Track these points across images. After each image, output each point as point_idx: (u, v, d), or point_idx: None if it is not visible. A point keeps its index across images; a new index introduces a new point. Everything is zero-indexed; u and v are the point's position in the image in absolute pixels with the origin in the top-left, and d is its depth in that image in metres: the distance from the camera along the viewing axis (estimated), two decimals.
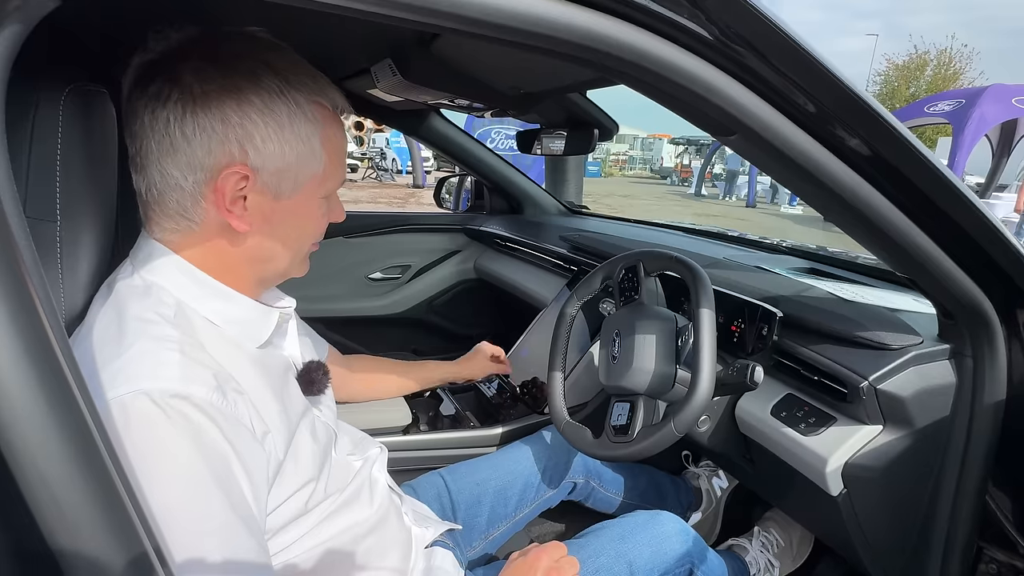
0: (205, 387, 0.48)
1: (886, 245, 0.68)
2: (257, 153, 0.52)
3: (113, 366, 0.47)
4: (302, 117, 0.54)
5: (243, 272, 0.58)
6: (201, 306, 0.55)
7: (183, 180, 0.51)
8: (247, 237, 0.56)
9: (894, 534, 0.87)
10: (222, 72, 0.50)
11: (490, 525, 1.01)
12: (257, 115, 0.51)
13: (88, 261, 0.55)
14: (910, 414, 0.79)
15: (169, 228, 0.55)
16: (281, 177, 0.54)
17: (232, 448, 0.49)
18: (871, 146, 0.57)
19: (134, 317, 0.51)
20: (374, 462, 0.79)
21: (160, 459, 0.45)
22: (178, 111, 0.49)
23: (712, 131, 0.59)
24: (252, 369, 0.56)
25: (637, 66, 0.49)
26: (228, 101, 0.50)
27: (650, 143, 30.55)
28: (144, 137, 0.51)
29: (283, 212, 0.56)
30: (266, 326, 0.60)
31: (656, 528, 0.90)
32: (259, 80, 0.51)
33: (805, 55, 0.50)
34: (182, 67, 0.50)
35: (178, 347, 0.49)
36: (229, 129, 0.50)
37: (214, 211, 0.53)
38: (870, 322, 0.85)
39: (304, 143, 0.54)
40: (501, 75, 0.95)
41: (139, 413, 0.45)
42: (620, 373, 0.92)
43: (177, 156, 0.50)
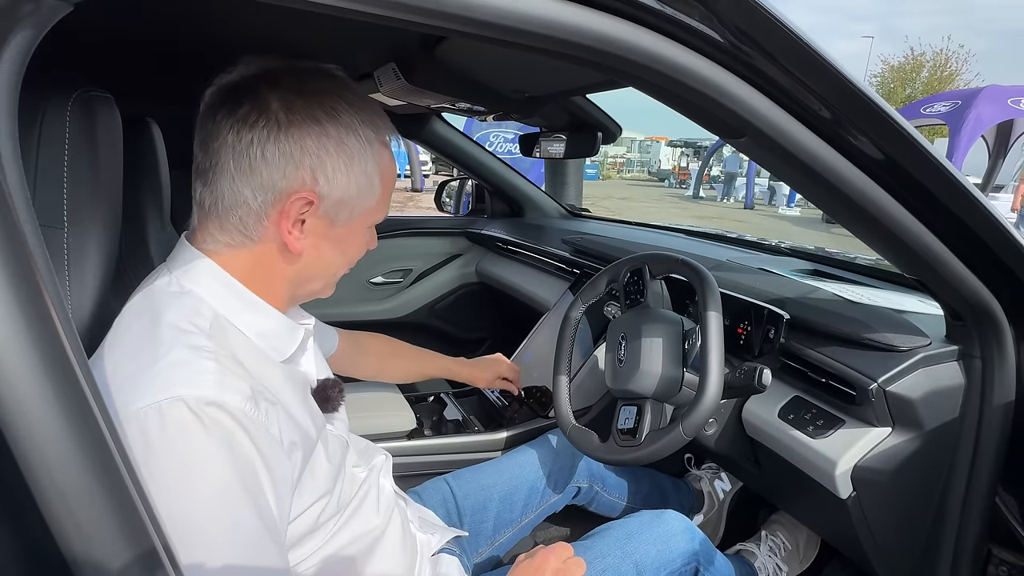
0: (239, 396, 0.49)
1: (894, 246, 0.68)
2: (326, 182, 0.55)
3: (150, 372, 0.48)
4: (369, 154, 0.57)
5: (281, 290, 0.60)
6: (236, 317, 0.56)
7: (252, 199, 0.54)
8: (297, 258, 0.58)
9: (903, 536, 0.86)
10: (306, 104, 0.53)
11: (496, 531, 1.00)
12: (333, 147, 0.54)
13: (95, 268, 0.55)
14: (919, 416, 0.79)
15: (222, 241, 0.56)
16: (341, 206, 0.57)
17: (261, 458, 0.50)
18: (880, 147, 0.56)
19: (170, 325, 0.52)
20: (380, 470, 0.78)
21: (194, 466, 0.46)
22: (263, 135, 0.52)
23: (721, 133, 0.59)
24: (282, 381, 0.58)
25: (648, 69, 0.49)
26: (309, 131, 0.53)
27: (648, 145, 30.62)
28: (223, 154, 0.53)
29: (334, 238, 0.59)
30: (292, 341, 0.62)
31: (662, 527, 0.90)
32: (338, 115, 0.55)
33: (815, 57, 0.50)
34: (271, 95, 0.53)
35: (213, 357, 0.50)
36: (306, 157, 0.53)
37: (274, 231, 0.56)
38: (877, 324, 0.85)
39: (367, 178, 0.58)
40: (505, 79, 0.95)
41: (175, 419, 0.46)
42: (627, 377, 0.92)
43: (253, 177, 0.53)
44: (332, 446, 0.66)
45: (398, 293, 1.98)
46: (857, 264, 1.24)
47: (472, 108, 1.14)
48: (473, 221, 2.06)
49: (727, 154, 15.93)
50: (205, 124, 0.54)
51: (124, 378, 0.48)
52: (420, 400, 1.34)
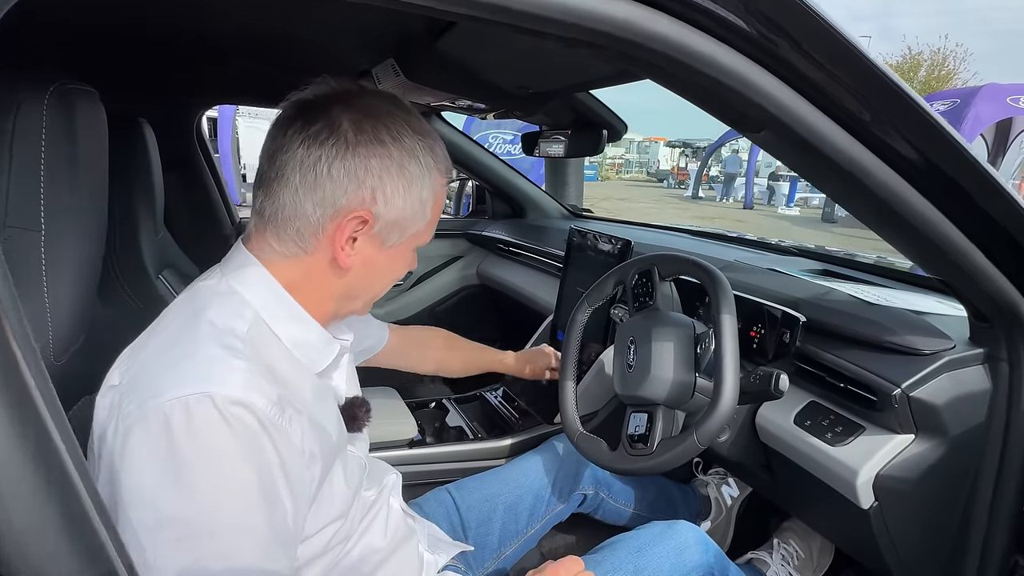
0: (266, 399, 0.49)
1: (920, 244, 0.64)
2: (384, 203, 0.56)
3: (182, 365, 0.49)
4: (427, 181, 0.59)
5: (326, 304, 0.61)
6: (276, 324, 0.57)
7: (312, 213, 0.55)
8: (346, 273, 0.59)
9: (927, 547, 0.83)
10: (374, 126, 0.55)
11: (502, 543, 0.97)
12: (395, 170, 0.56)
13: (76, 273, 0.52)
14: (944, 422, 0.75)
15: (277, 250, 0.57)
16: (393, 228, 0.58)
17: (282, 464, 0.50)
18: (911, 141, 0.53)
19: (209, 322, 0.52)
20: (390, 490, 0.77)
21: (216, 463, 0.46)
22: (332, 153, 0.54)
23: (740, 127, 0.56)
24: (311, 392, 0.58)
25: (666, 57, 0.45)
26: (374, 153, 0.55)
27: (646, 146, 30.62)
28: (290, 167, 0.54)
29: (382, 258, 0.60)
30: (327, 354, 0.62)
31: (674, 539, 0.87)
32: (402, 140, 0.56)
33: (847, 46, 0.47)
34: (343, 115, 0.54)
35: (244, 356, 0.51)
36: (368, 177, 0.55)
37: (328, 245, 0.56)
38: (898, 326, 0.82)
39: (420, 203, 0.59)
40: (508, 74, 0.91)
41: (201, 415, 0.46)
42: (637, 382, 0.88)
43: (316, 191, 0.54)
44: (351, 467, 0.66)
45: (398, 296, 1.95)
46: (868, 264, 1.21)
47: (473, 106, 1.11)
48: (474, 222, 2.03)
49: (726, 154, 15.94)
50: (276, 137, 0.56)
51: (158, 367, 0.49)
52: (421, 407, 1.30)
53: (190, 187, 1.78)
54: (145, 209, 1.13)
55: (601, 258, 1.32)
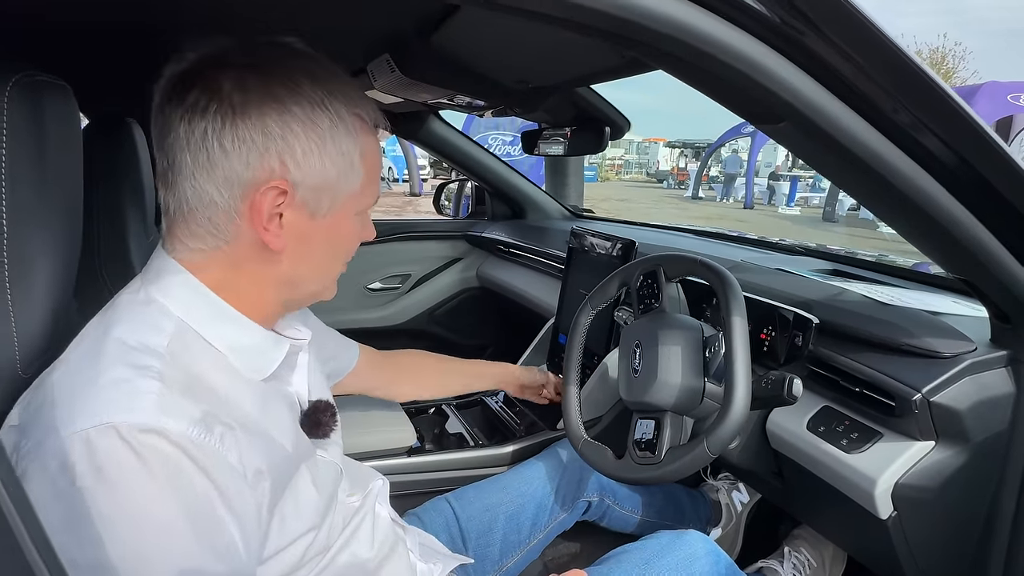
0: (185, 420, 0.43)
1: (944, 243, 0.61)
2: (297, 167, 0.49)
3: (81, 394, 0.42)
4: (343, 130, 0.50)
5: (269, 295, 0.54)
6: (206, 330, 0.50)
7: (218, 196, 0.48)
8: (281, 257, 0.52)
9: (948, 558, 0.80)
10: (262, 80, 0.47)
11: (503, 555, 0.94)
12: (299, 126, 0.48)
13: (46, 278, 0.48)
14: (966, 428, 0.72)
15: (194, 247, 0.50)
16: (320, 194, 0.51)
17: (216, 489, 0.43)
18: (942, 137, 0.50)
19: (116, 340, 0.46)
20: (376, 496, 0.72)
21: (128, 502, 0.40)
22: (217, 122, 0.46)
23: (756, 119, 0.53)
24: (252, 403, 0.51)
25: (680, 43, 0.42)
26: (269, 111, 0.47)
27: (645, 147, 30.62)
28: (178, 150, 0.47)
29: (319, 231, 0.53)
30: (273, 357, 0.55)
31: (683, 549, 0.83)
32: (300, 89, 0.48)
33: (877, 35, 0.44)
34: (220, 75, 0.46)
35: (158, 376, 0.44)
36: (270, 141, 0.47)
37: (248, 229, 0.49)
38: (915, 327, 0.79)
39: (344, 157, 0.51)
40: (507, 68, 0.88)
41: (105, 450, 0.40)
42: (643, 388, 0.85)
43: (214, 170, 0.47)
44: (323, 473, 0.59)
45: (397, 299, 1.92)
46: (883, 264, 1.17)
47: (471, 103, 1.08)
48: (473, 224, 2.00)
49: (726, 155, 15.93)
50: (156, 120, 0.48)
51: (56, 399, 0.43)
52: (420, 413, 1.27)
53: None
54: (134, 211, 1.09)
55: (604, 259, 1.29)
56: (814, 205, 13.52)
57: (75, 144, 0.51)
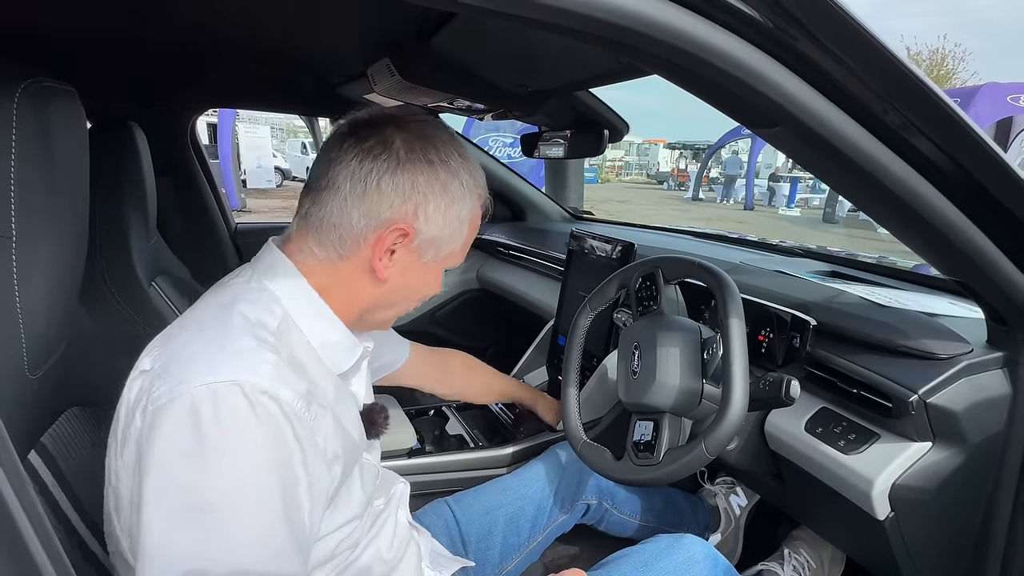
0: (293, 391, 0.51)
1: (939, 246, 0.62)
2: (425, 220, 0.59)
3: (213, 354, 0.50)
4: (467, 202, 0.62)
5: (353, 310, 0.63)
6: (304, 322, 0.59)
7: (357, 221, 0.58)
8: (380, 284, 0.61)
9: (945, 558, 0.80)
10: (424, 147, 0.59)
11: (503, 558, 0.94)
12: (439, 189, 0.59)
13: (53, 280, 0.49)
14: (963, 429, 0.72)
15: (315, 253, 0.60)
16: (430, 245, 0.61)
17: (303, 461, 0.50)
18: (935, 141, 0.51)
19: (241, 314, 0.54)
20: (398, 499, 0.76)
21: (239, 450, 0.47)
22: (383, 168, 0.57)
23: (751, 123, 0.53)
24: (335, 393, 0.60)
25: (675, 49, 0.43)
26: (421, 170, 0.58)
27: (645, 148, 30.63)
28: (342, 177, 0.57)
29: (416, 273, 0.63)
30: (351, 356, 0.64)
31: (681, 553, 0.83)
32: (448, 162, 0.60)
33: (870, 40, 0.44)
34: (396, 134, 0.58)
35: (273, 349, 0.52)
36: (414, 193, 0.58)
37: (366, 253, 0.59)
38: (911, 329, 0.79)
39: (458, 223, 0.62)
40: (506, 72, 0.89)
41: (229, 402, 0.47)
42: (642, 389, 0.86)
43: (364, 201, 0.57)
44: (367, 472, 0.66)
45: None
46: (882, 266, 1.18)
47: (471, 106, 1.08)
48: None
49: (726, 156, 15.94)
50: (331, 149, 0.59)
51: (189, 355, 0.50)
52: (420, 415, 1.27)
53: (185, 193, 1.75)
54: (136, 214, 1.10)
55: (603, 261, 1.30)
56: (814, 206, 13.52)
57: (82, 148, 0.52)
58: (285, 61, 1.14)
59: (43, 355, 0.51)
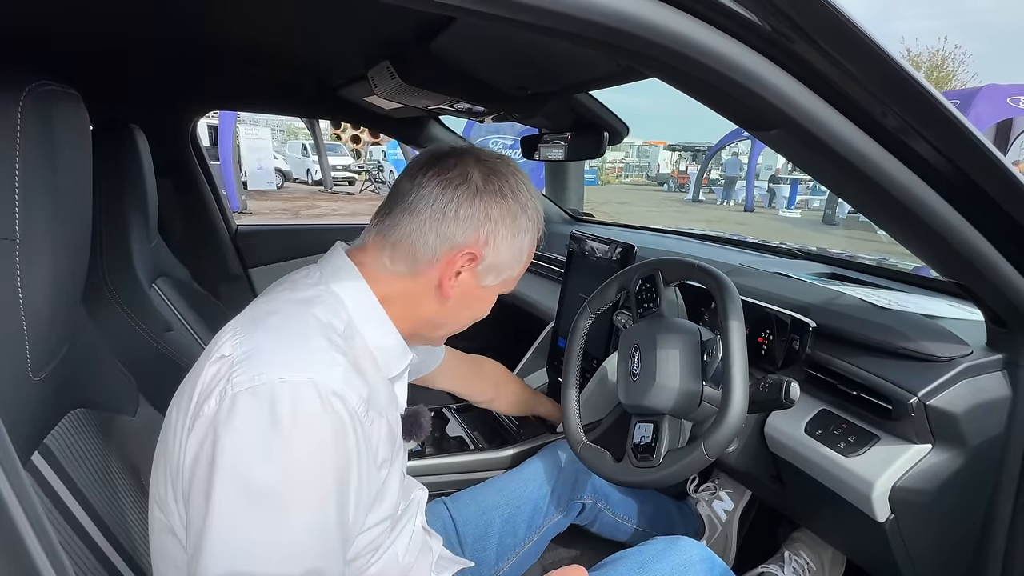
0: (357, 395, 0.54)
1: (938, 248, 0.62)
2: (493, 248, 0.64)
3: (292, 350, 0.53)
4: (530, 234, 0.67)
5: (411, 323, 0.66)
6: (364, 327, 0.62)
7: (432, 242, 0.62)
8: (444, 302, 0.65)
9: (946, 560, 0.80)
10: (499, 181, 0.64)
11: (499, 558, 0.94)
12: (509, 220, 0.64)
13: (56, 283, 0.49)
14: (962, 431, 0.72)
15: (387, 266, 0.63)
16: (493, 270, 0.66)
17: (358, 460, 0.53)
18: (933, 143, 0.51)
19: (316, 316, 0.57)
20: (418, 505, 0.77)
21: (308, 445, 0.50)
22: (461, 195, 0.62)
23: (750, 126, 0.54)
24: (385, 395, 0.63)
25: (673, 52, 0.43)
26: (495, 202, 0.63)
27: (646, 150, 30.64)
28: (423, 201, 0.62)
29: (475, 295, 0.67)
30: (402, 362, 0.67)
31: (677, 556, 0.83)
32: (519, 196, 0.65)
33: (866, 43, 0.44)
34: (474, 167, 0.63)
35: (343, 352, 0.56)
36: (487, 223, 0.63)
37: (435, 273, 0.63)
38: (911, 331, 0.79)
39: (520, 253, 0.67)
40: (506, 74, 0.89)
41: (305, 398, 0.50)
42: (642, 391, 0.86)
43: (442, 226, 0.61)
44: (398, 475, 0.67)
45: None
46: (882, 268, 1.18)
47: (471, 109, 1.08)
48: None
49: (726, 157, 15.94)
50: (413, 175, 0.63)
51: (271, 347, 0.53)
52: None
53: (185, 194, 1.75)
54: (137, 216, 1.10)
55: (603, 263, 1.30)
56: (814, 208, 13.51)
57: (85, 151, 0.52)
58: (286, 64, 1.15)
59: (46, 357, 0.51)
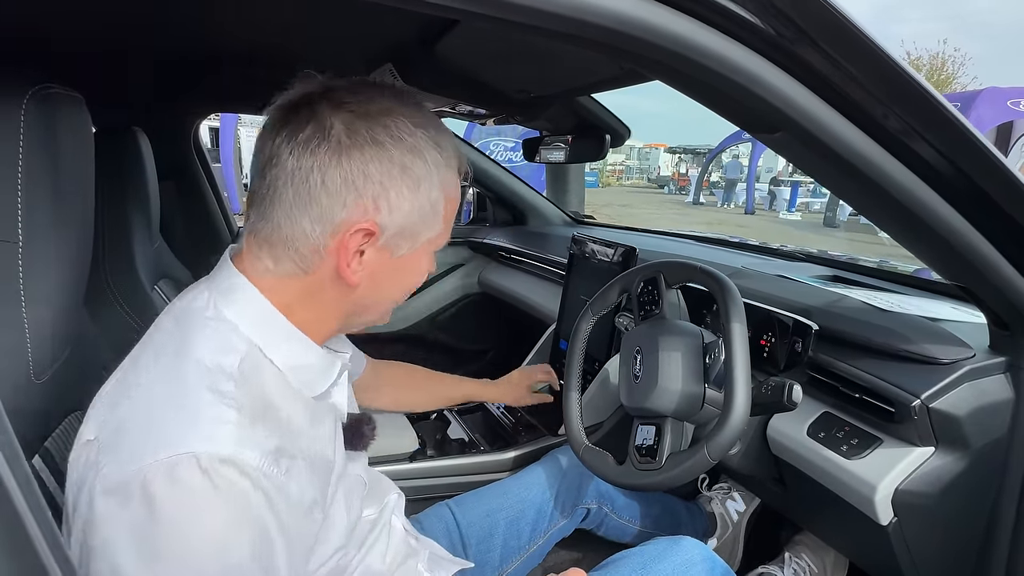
0: (258, 452, 0.45)
1: (940, 251, 0.62)
2: (388, 212, 0.51)
3: (166, 419, 0.44)
4: (435, 180, 0.53)
5: (329, 323, 0.56)
6: (271, 350, 0.52)
7: (310, 230, 0.50)
8: (355, 290, 0.54)
9: (949, 563, 0.80)
10: (370, 127, 0.49)
11: (503, 561, 0.94)
12: (397, 173, 0.50)
13: (58, 286, 0.49)
14: (965, 434, 0.72)
15: (271, 269, 0.52)
16: (403, 236, 0.53)
17: (280, 527, 0.46)
18: (934, 144, 0.51)
19: (197, 362, 0.47)
20: (392, 509, 0.74)
21: (202, 533, 0.42)
22: (323, 162, 0.48)
23: (752, 129, 0.54)
24: (305, 420, 0.54)
25: (676, 55, 0.43)
26: (372, 156, 0.49)
27: (646, 153, 30.67)
28: (282, 182, 0.49)
29: (395, 269, 0.55)
30: (329, 375, 0.58)
31: (679, 555, 0.83)
32: (402, 139, 0.50)
33: (868, 45, 0.45)
34: (331, 115, 0.49)
35: (235, 404, 0.46)
36: (369, 185, 0.49)
37: (331, 263, 0.51)
38: (914, 334, 0.79)
39: (431, 205, 0.54)
40: (509, 77, 0.89)
41: (186, 479, 0.42)
42: (644, 394, 0.86)
43: (312, 207, 0.49)
44: (352, 492, 0.61)
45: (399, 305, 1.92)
46: (884, 270, 1.18)
47: (473, 111, 1.09)
48: (475, 230, 2.01)
49: (727, 160, 15.96)
50: (264, 148, 0.51)
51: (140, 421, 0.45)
52: (422, 419, 1.27)
53: (188, 196, 1.76)
54: (139, 218, 1.11)
55: (605, 266, 1.30)
56: (815, 210, 13.52)
57: (88, 155, 0.52)
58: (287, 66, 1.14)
59: (48, 360, 0.51)
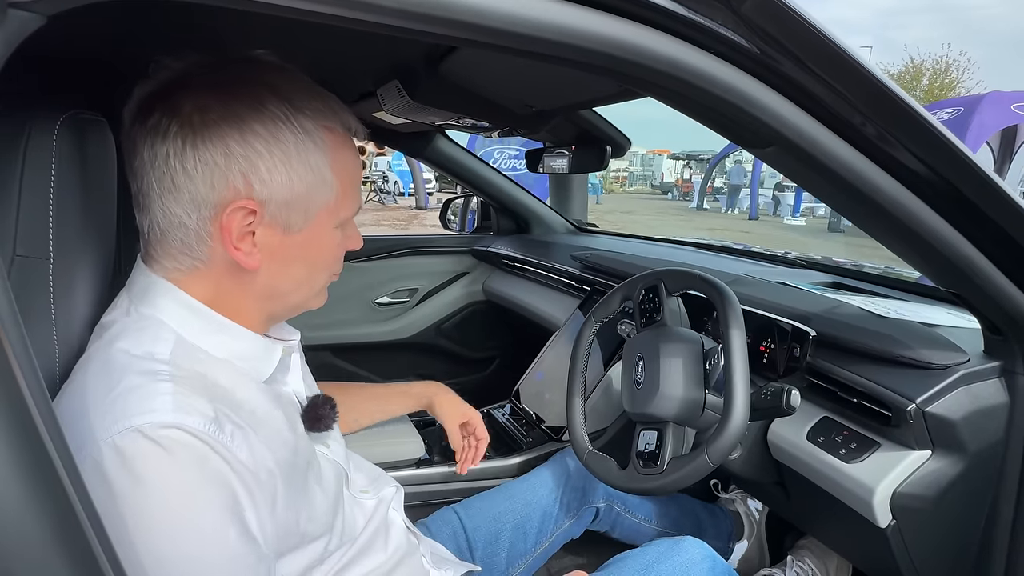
0: (200, 417, 0.44)
1: (932, 259, 0.64)
2: (263, 186, 0.48)
3: (102, 407, 0.44)
4: (310, 144, 0.50)
5: (251, 310, 0.54)
6: (203, 340, 0.51)
7: (187, 218, 0.48)
8: (257, 275, 0.52)
9: (948, 566, 0.81)
10: (222, 100, 0.47)
11: (510, 563, 0.95)
12: (262, 145, 0.48)
13: (85, 301, 0.52)
14: (961, 438, 0.74)
15: (172, 267, 0.51)
16: (291, 210, 0.51)
17: (237, 476, 0.45)
18: (917, 155, 0.53)
19: (122, 351, 0.47)
20: (390, 502, 0.74)
21: (164, 496, 0.42)
22: (178, 144, 0.46)
23: (746, 144, 0.56)
24: (260, 402, 0.53)
25: (669, 76, 0.46)
26: (230, 131, 0.47)
27: (650, 159, 30.76)
28: (144, 174, 0.48)
29: (294, 246, 0.53)
30: (270, 361, 0.56)
31: (680, 555, 0.84)
32: (263, 106, 0.48)
33: (850, 62, 0.47)
34: (182, 97, 0.47)
35: (170, 378, 0.46)
36: (232, 162, 0.47)
37: (221, 249, 0.50)
38: (910, 339, 0.81)
39: (314, 172, 0.51)
40: (512, 93, 0.92)
41: (133, 451, 0.41)
42: (646, 399, 0.87)
43: (179, 193, 0.47)
44: (326, 473, 0.61)
45: (404, 313, 1.95)
46: (877, 275, 1.19)
47: (477, 124, 1.12)
48: (479, 238, 2.04)
49: (730, 166, 15.98)
50: (125, 143, 0.49)
51: (80, 412, 0.44)
52: (428, 425, 1.29)
53: None
54: None
55: None
56: (819, 216, 13.50)
57: (111, 174, 0.55)
58: None
59: None
